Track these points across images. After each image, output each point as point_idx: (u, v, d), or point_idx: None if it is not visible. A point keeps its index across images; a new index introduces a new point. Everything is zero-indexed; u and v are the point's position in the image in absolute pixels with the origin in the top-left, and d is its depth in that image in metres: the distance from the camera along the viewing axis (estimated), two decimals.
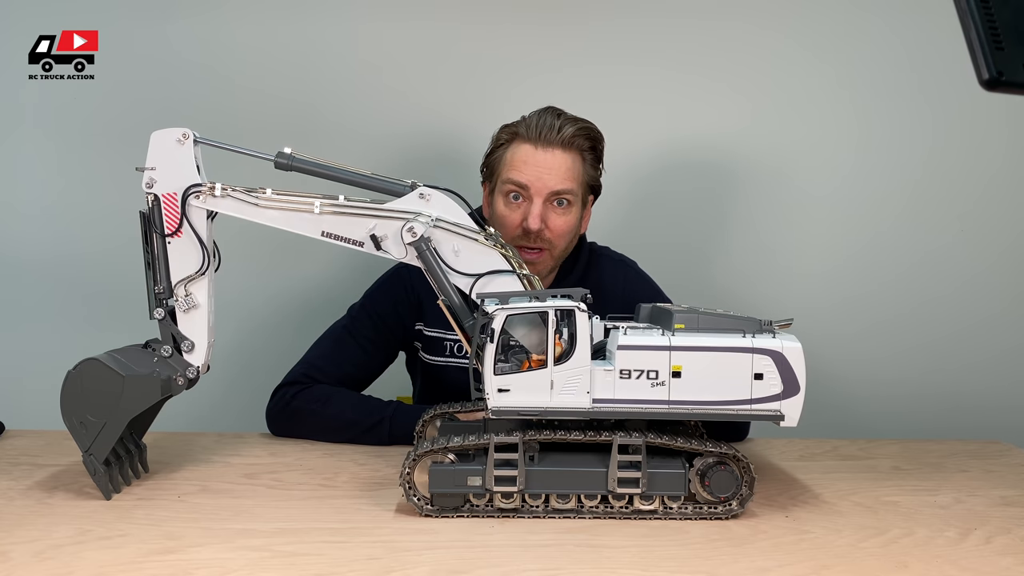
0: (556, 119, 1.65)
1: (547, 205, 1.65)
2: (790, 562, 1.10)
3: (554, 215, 1.66)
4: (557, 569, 1.07)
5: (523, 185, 1.64)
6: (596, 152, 1.71)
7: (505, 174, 1.68)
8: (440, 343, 1.80)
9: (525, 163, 1.64)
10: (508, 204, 1.67)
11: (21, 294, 2.28)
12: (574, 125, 1.65)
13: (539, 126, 1.64)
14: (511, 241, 1.60)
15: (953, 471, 1.55)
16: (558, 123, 1.64)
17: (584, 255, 1.83)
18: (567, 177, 1.65)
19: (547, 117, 1.65)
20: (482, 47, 2.30)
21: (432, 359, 1.82)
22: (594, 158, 1.71)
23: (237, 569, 1.05)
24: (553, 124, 1.64)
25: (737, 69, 2.32)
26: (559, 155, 1.64)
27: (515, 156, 1.66)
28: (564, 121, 1.65)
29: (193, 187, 1.31)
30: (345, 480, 1.43)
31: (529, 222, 1.63)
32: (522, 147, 1.66)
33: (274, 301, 2.31)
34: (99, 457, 1.29)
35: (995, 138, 2.35)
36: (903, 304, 2.38)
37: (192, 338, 1.34)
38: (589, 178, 1.71)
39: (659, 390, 1.23)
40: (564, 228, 1.67)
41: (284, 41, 2.27)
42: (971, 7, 0.93)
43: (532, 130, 1.64)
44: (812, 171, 2.35)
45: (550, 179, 1.63)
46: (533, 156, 1.64)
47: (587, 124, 1.69)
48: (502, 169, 1.69)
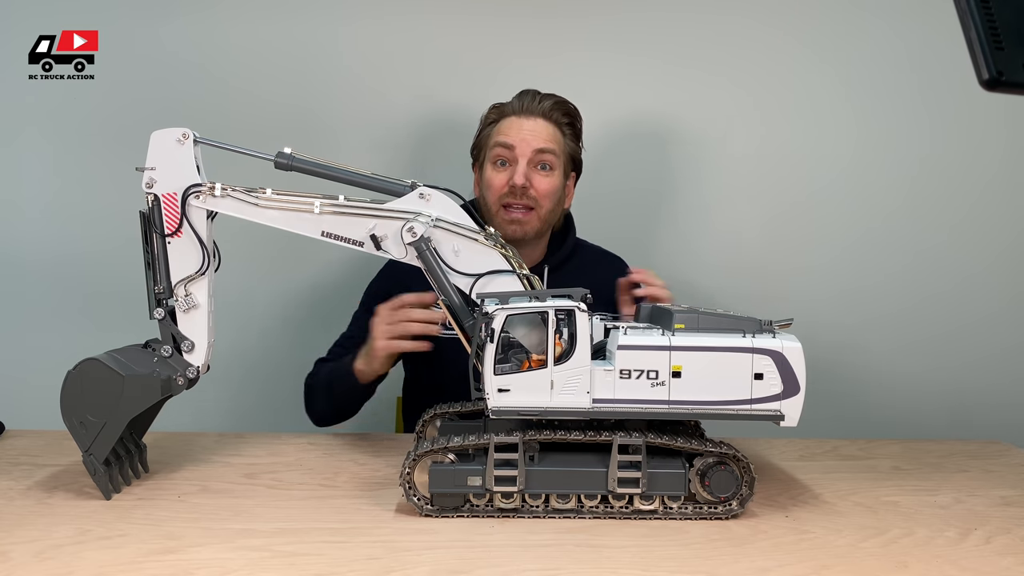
0: (537, 94, 1.84)
1: (531, 168, 1.79)
2: (790, 562, 1.10)
3: (538, 176, 1.80)
4: (557, 569, 1.07)
5: (509, 145, 1.79)
6: (574, 128, 1.87)
7: (492, 142, 1.83)
8: None
9: (510, 128, 1.81)
10: (496, 169, 1.82)
11: (21, 294, 2.28)
12: (551, 99, 1.83)
13: (521, 101, 1.83)
14: (499, 201, 1.79)
15: (953, 471, 1.55)
16: (539, 97, 1.83)
17: (572, 232, 1.97)
18: (548, 139, 1.81)
19: (527, 94, 1.84)
20: (482, 45, 2.30)
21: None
22: (572, 133, 1.87)
23: (237, 569, 1.05)
24: (535, 97, 1.83)
25: (736, 64, 2.32)
26: (540, 123, 1.81)
27: (501, 127, 1.83)
28: (543, 96, 1.83)
29: (193, 187, 1.31)
30: (345, 480, 1.43)
31: (515, 178, 1.77)
32: (507, 119, 1.83)
33: (274, 301, 2.31)
34: (99, 457, 1.29)
35: (994, 136, 2.35)
36: (902, 302, 2.38)
37: (192, 338, 1.35)
38: (570, 149, 1.87)
39: (659, 390, 1.23)
40: (548, 188, 1.81)
41: (284, 41, 2.27)
42: (971, 7, 0.93)
43: (515, 105, 1.83)
44: (811, 167, 2.35)
45: (533, 140, 1.79)
46: (517, 123, 1.81)
47: (564, 99, 1.85)
48: (490, 141, 1.85)
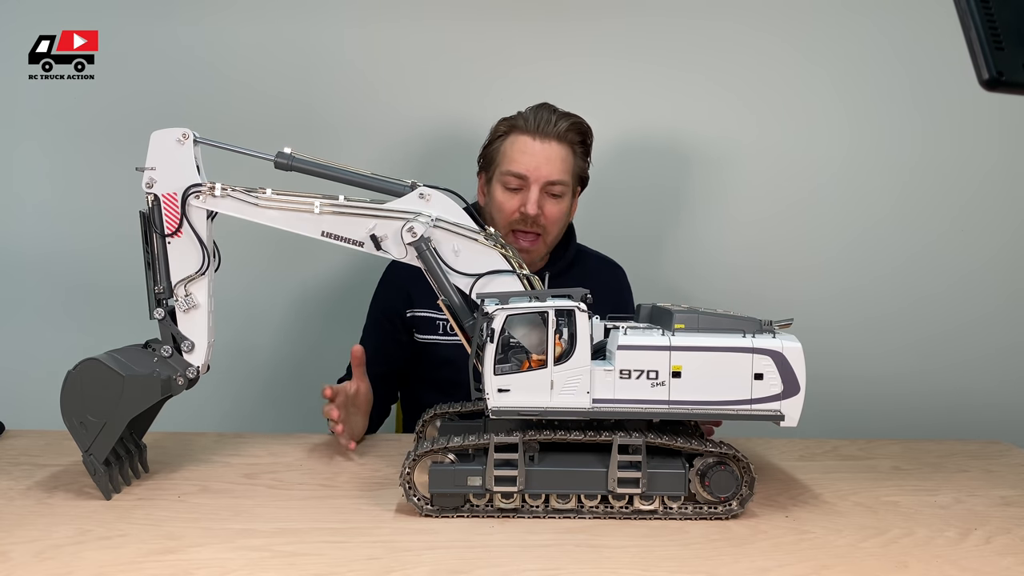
0: (552, 114, 1.78)
1: (542, 193, 1.77)
2: (790, 562, 1.10)
3: (549, 203, 1.79)
4: (557, 569, 1.07)
5: (522, 175, 1.76)
6: (586, 146, 1.85)
7: (504, 165, 1.78)
8: (432, 322, 1.88)
9: (523, 153, 1.76)
10: (506, 192, 1.79)
11: (21, 294, 2.28)
12: (567, 120, 1.78)
13: (536, 119, 1.76)
14: (508, 226, 1.78)
15: (953, 471, 1.55)
16: (554, 118, 1.77)
17: (574, 241, 1.97)
18: (562, 169, 1.77)
19: (543, 112, 1.78)
20: (482, 44, 2.30)
21: (424, 338, 1.90)
22: (583, 151, 1.84)
23: (237, 569, 1.05)
24: (549, 118, 1.77)
25: (729, 68, 2.32)
26: (554, 147, 1.76)
27: (514, 147, 1.78)
28: (559, 116, 1.78)
29: (193, 187, 1.31)
30: (345, 480, 1.43)
31: (528, 207, 1.75)
32: (520, 138, 1.77)
33: (274, 301, 2.31)
34: (99, 457, 1.29)
35: (989, 135, 2.35)
36: (902, 301, 2.38)
37: (192, 338, 1.34)
38: (579, 170, 1.85)
39: (659, 390, 1.23)
40: (557, 215, 1.81)
41: (284, 41, 2.27)
42: (971, 7, 0.93)
43: (530, 123, 1.77)
44: (806, 170, 2.35)
45: (547, 169, 1.75)
46: (531, 146, 1.76)
47: (579, 119, 1.81)
48: (500, 159, 1.80)
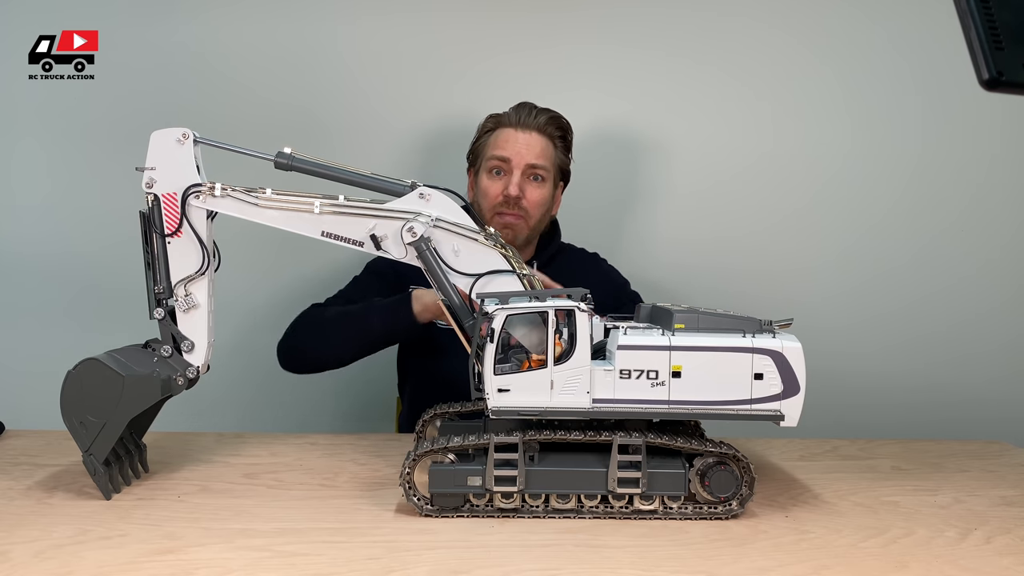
0: (532, 109, 1.92)
1: (524, 178, 1.88)
2: (790, 562, 1.10)
3: (530, 187, 1.90)
4: (557, 569, 1.07)
5: (505, 158, 1.88)
6: (565, 140, 1.97)
7: (489, 152, 1.92)
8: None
9: (507, 141, 1.90)
10: (491, 178, 1.91)
11: (21, 294, 2.28)
12: (546, 114, 1.92)
13: (518, 114, 1.91)
14: (492, 209, 1.89)
15: (953, 471, 1.55)
16: (535, 112, 1.92)
17: (558, 235, 2.07)
18: (541, 155, 1.90)
19: (525, 107, 1.93)
20: (482, 44, 2.30)
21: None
22: (564, 145, 1.96)
23: (237, 569, 1.05)
24: (531, 112, 1.91)
25: (734, 66, 2.32)
26: (535, 136, 1.90)
27: (498, 138, 1.92)
28: (539, 111, 1.92)
29: (193, 187, 1.31)
30: (345, 480, 1.43)
31: (510, 189, 1.87)
32: (504, 131, 1.92)
33: (274, 301, 2.31)
34: (99, 457, 1.29)
35: (993, 134, 2.36)
36: (901, 301, 2.38)
37: (192, 338, 1.34)
38: (560, 162, 1.96)
39: (659, 390, 1.23)
40: (539, 199, 1.91)
41: (284, 41, 2.27)
42: (971, 7, 0.93)
43: (512, 118, 1.91)
44: (805, 168, 2.35)
45: (528, 154, 1.88)
46: (514, 136, 1.90)
47: (557, 114, 1.94)
48: (487, 150, 1.93)
